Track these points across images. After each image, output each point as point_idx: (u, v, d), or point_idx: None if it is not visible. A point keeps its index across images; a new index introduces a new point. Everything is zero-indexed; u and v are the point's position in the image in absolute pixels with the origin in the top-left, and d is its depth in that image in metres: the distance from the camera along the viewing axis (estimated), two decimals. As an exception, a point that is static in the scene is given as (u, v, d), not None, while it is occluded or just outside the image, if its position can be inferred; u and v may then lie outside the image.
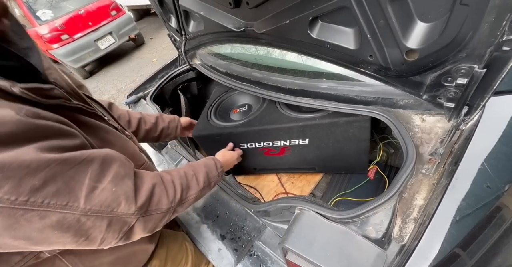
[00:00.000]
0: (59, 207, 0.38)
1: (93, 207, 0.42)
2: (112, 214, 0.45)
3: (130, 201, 0.48)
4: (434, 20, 0.52)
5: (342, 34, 0.68)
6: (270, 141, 1.03)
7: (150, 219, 0.52)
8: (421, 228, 0.54)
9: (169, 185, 0.59)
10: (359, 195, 1.07)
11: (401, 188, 0.61)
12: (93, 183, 0.43)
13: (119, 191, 0.46)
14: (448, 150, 0.65)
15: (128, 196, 0.47)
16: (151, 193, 0.53)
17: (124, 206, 0.46)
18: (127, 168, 0.51)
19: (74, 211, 0.40)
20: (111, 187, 0.45)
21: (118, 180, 0.47)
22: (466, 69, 0.53)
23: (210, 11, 0.97)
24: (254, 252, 0.97)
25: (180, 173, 0.67)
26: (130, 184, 0.49)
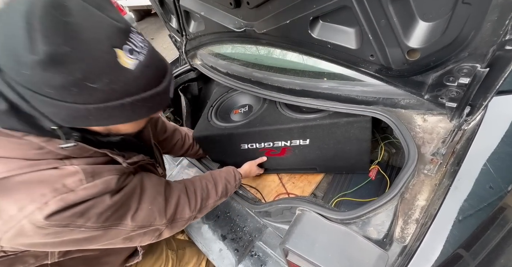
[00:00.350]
0: (115, 225, 0.52)
1: (138, 223, 0.56)
2: (150, 226, 0.59)
3: (162, 215, 0.61)
4: (436, 19, 0.51)
5: (343, 34, 0.68)
6: (270, 142, 1.03)
7: (175, 226, 0.66)
8: (423, 229, 0.54)
9: (191, 196, 0.71)
10: (361, 195, 1.07)
11: (403, 188, 0.60)
12: (137, 205, 0.56)
13: (154, 209, 0.59)
14: (450, 150, 0.65)
15: (160, 211, 0.61)
16: (177, 205, 0.66)
17: (158, 220, 0.60)
18: (158, 187, 0.64)
19: (125, 227, 0.54)
20: (148, 206, 0.58)
21: (153, 199, 0.60)
22: (469, 68, 0.52)
23: (210, 11, 0.97)
24: (255, 253, 0.97)
25: (202, 183, 0.78)
26: (161, 200, 0.62)
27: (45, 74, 0.35)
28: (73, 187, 0.44)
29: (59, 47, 0.34)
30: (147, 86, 0.45)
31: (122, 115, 0.45)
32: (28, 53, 0.33)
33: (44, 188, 0.42)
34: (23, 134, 0.42)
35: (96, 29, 0.37)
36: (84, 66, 0.36)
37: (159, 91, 0.47)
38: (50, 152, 0.44)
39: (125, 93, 0.42)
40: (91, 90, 0.38)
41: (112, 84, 0.40)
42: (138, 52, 0.42)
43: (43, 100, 0.38)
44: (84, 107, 0.40)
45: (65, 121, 0.42)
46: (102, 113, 0.42)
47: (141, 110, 0.46)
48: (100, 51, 0.38)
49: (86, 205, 0.46)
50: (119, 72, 0.40)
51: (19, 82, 0.36)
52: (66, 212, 0.43)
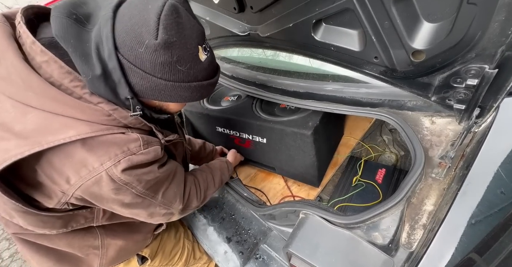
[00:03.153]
0: (151, 196, 0.63)
1: (164, 200, 0.67)
2: (170, 207, 0.70)
3: (180, 200, 0.73)
4: (440, 20, 0.50)
5: (346, 36, 0.68)
6: (237, 131, 1.12)
7: (184, 212, 0.78)
8: (430, 235, 0.52)
9: (198, 188, 0.83)
10: (366, 199, 1.04)
11: (409, 192, 0.59)
12: (168, 184, 0.67)
13: (177, 192, 0.71)
14: (459, 153, 0.63)
15: (180, 196, 0.73)
16: (189, 194, 0.78)
17: (177, 203, 0.71)
18: (182, 176, 0.76)
19: (155, 201, 0.65)
20: (174, 188, 0.69)
21: (178, 184, 0.72)
22: (476, 69, 0.51)
23: (215, 16, 0.99)
24: (260, 256, 0.96)
25: (203, 176, 0.88)
26: (182, 187, 0.75)
27: (154, 53, 0.46)
28: (135, 151, 0.54)
29: (171, 36, 0.46)
30: (207, 77, 0.58)
31: (184, 95, 0.55)
32: (152, 37, 0.45)
33: (116, 148, 0.51)
34: (98, 101, 0.50)
35: (192, 30, 0.51)
36: (180, 53, 0.49)
37: (212, 82, 0.60)
38: (115, 120, 0.53)
39: (195, 78, 0.54)
40: (177, 71, 0.50)
41: (190, 70, 0.52)
42: (208, 51, 0.57)
43: (138, 72, 0.48)
44: (165, 83, 0.51)
45: (142, 92, 0.52)
46: (174, 90, 0.53)
47: (197, 94, 0.57)
48: (191, 45, 0.50)
49: (143, 170, 0.57)
50: (197, 62, 0.53)
51: (127, 57, 0.47)
52: (131, 171, 0.54)
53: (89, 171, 0.50)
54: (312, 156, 0.95)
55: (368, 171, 1.14)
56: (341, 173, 1.23)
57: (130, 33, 0.46)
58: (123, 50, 0.47)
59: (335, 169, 1.21)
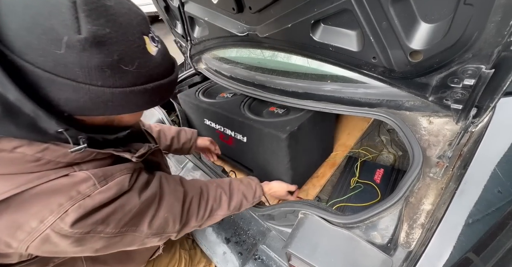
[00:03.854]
0: (131, 230, 0.52)
1: (153, 231, 0.56)
2: (163, 234, 0.59)
3: (176, 223, 0.61)
4: (438, 21, 0.51)
5: (344, 36, 0.68)
6: (222, 126, 1.11)
7: (183, 232, 0.65)
8: (428, 234, 0.52)
9: (202, 204, 0.69)
10: (365, 199, 1.05)
11: (407, 192, 0.59)
12: (154, 212, 0.56)
13: (169, 216, 0.59)
14: (457, 153, 0.63)
15: (175, 219, 0.60)
16: (189, 213, 0.65)
17: (171, 227, 0.60)
18: (177, 193, 0.63)
19: (140, 234, 0.54)
20: (164, 213, 0.57)
21: (170, 207, 0.59)
22: (473, 70, 0.51)
23: (214, 17, 0.99)
24: (259, 256, 0.96)
25: (217, 193, 0.73)
26: (178, 208, 0.61)
27: (82, 54, 0.34)
28: (88, 192, 0.44)
29: (101, 27, 0.35)
30: (165, 73, 0.46)
31: (140, 101, 0.44)
32: (71, 32, 0.33)
33: (60, 197, 0.41)
34: (13, 145, 0.38)
35: (129, 16, 0.39)
36: (121, 49, 0.37)
37: (173, 79, 0.48)
38: (49, 162, 0.41)
39: (149, 79, 0.43)
40: (123, 73, 0.38)
41: (140, 69, 0.40)
42: (157, 41, 0.45)
43: (65, 84, 0.35)
44: (110, 92, 0.38)
45: (79, 110, 0.39)
46: (124, 99, 0.41)
47: (156, 97, 0.47)
48: (133, 36, 0.39)
49: (106, 210, 0.46)
50: (146, 57, 0.41)
51: (39, 65, 0.33)
52: (87, 219, 0.43)
53: (28, 233, 0.40)
54: (286, 162, 0.92)
55: (367, 171, 1.15)
56: (339, 173, 1.24)
57: (35, 30, 0.32)
58: (31, 57, 0.33)
59: (334, 169, 1.22)
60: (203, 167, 1.21)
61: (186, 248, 1.04)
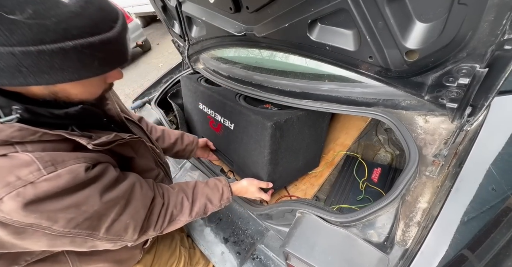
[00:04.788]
0: (86, 234, 0.47)
1: (109, 236, 0.50)
2: (118, 240, 0.53)
3: (136, 231, 0.55)
4: (432, 20, 0.51)
5: (341, 36, 0.68)
6: (213, 111, 1.11)
7: (139, 240, 0.60)
8: (424, 232, 0.53)
9: (162, 214, 0.64)
10: (365, 200, 1.05)
11: (404, 190, 0.60)
12: (116, 216, 0.50)
13: (131, 223, 0.53)
14: (452, 152, 0.64)
15: (136, 227, 0.55)
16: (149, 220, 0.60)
17: (130, 235, 0.54)
18: (145, 200, 0.57)
19: (94, 238, 0.48)
20: (126, 219, 0.52)
21: (135, 213, 0.54)
22: (468, 69, 0.52)
23: (211, 16, 0.99)
24: (257, 256, 0.96)
25: (178, 199, 0.69)
26: (143, 214, 0.56)
27: None
28: (31, 179, 0.37)
29: None
30: (94, 29, 0.36)
31: (66, 67, 0.35)
32: None
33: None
34: None
35: None
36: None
37: (111, 38, 0.38)
38: None
39: (64, 35, 0.33)
40: (11, 24, 0.29)
41: (41, 19, 0.31)
42: None
43: None
44: (7, 52, 0.30)
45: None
46: (39, 63, 0.32)
47: (91, 62, 0.37)
48: None
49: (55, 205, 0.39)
50: (50, 3, 0.32)
51: None
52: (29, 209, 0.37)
53: None
54: (266, 154, 0.90)
55: (364, 170, 1.15)
56: (337, 172, 1.24)
57: None
58: None
59: (332, 168, 1.22)
60: (201, 167, 1.21)
61: (186, 246, 1.04)
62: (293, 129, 0.93)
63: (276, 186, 1.03)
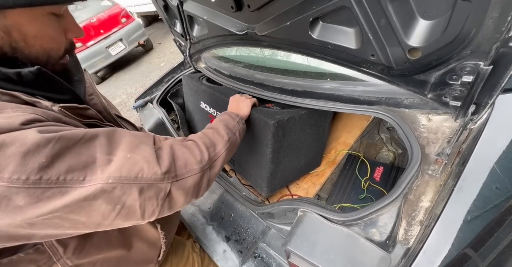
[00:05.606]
0: (77, 182, 0.37)
1: (112, 174, 0.39)
2: (138, 180, 0.42)
3: (153, 165, 0.44)
4: (436, 18, 0.51)
5: (343, 34, 0.68)
6: (215, 110, 1.11)
7: (186, 183, 0.49)
8: (427, 231, 0.53)
9: (191, 146, 0.55)
10: (367, 199, 1.05)
11: (406, 189, 0.59)
12: (106, 155, 0.40)
13: (135, 157, 0.43)
14: (455, 150, 0.63)
15: (148, 160, 0.44)
16: (173, 157, 0.49)
17: (148, 170, 0.43)
18: (142, 138, 0.48)
19: (95, 182, 0.38)
20: (125, 154, 0.42)
21: (133, 147, 0.44)
22: (472, 66, 0.51)
23: (213, 15, 0.99)
24: (258, 254, 0.97)
25: (199, 134, 0.64)
26: (149, 149, 0.45)
27: None
28: None
29: None
30: None
31: None
32: None
33: None
34: None
35: None
36: None
37: None
38: None
39: None
40: None
41: None
42: None
43: None
44: None
45: None
46: None
47: None
48: None
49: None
50: None
51: None
52: None
53: None
54: (268, 152, 0.89)
55: (366, 169, 1.15)
56: (339, 171, 1.24)
57: None
58: None
59: (334, 167, 1.22)
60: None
61: (196, 251, 1.01)
62: (295, 128, 0.93)
63: (278, 185, 1.03)
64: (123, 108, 4.01)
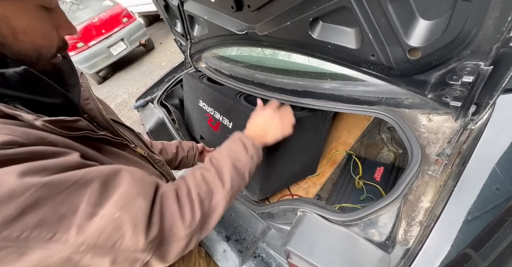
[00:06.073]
0: (43, 240, 0.30)
1: (87, 239, 0.32)
2: (115, 250, 0.35)
3: (139, 230, 0.36)
4: (436, 18, 0.51)
5: (343, 34, 0.68)
6: (213, 109, 1.11)
7: (167, 250, 0.41)
8: (426, 231, 0.52)
9: (183, 202, 0.44)
10: (368, 200, 1.05)
11: (406, 189, 0.59)
12: (92, 208, 0.33)
13: (123, 217, 0.35)
14: (456, 151, 0.63)
15: (136, 223, 0.36)
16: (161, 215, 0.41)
17: (130, 238, 0.35)
18: (143, 185, 0.41)
19: (62, 246, 0.31)
20: (114, 212, 0.35)
21: (127, 201, 0.36)
22: (472, 66, 0.51)
23: (213, 15, 0.99)
24: (258, 254, 0.97)
25: (196, 177, 0.50)
26: (144, 205, 0.38)
27: None
28: None
29: None
30: None
31: None
32: None
33: None
34: None
35: None
36: None
37: None
38: None
39: None
40: None
41: None
42: None
43: None
44: None
45: None
46: None
47: None
48: None
49: None
50: None
51: None
52: None
53: None
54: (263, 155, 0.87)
55: (367, 169, 1.15)
56: (339, 171, 1.24)
57: None
58: None
59: (334, 167, 1.22)
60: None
61: (202, 256, 0.96)
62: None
63: (271, 189, 1.02)
64: (124, 108, 4.03)
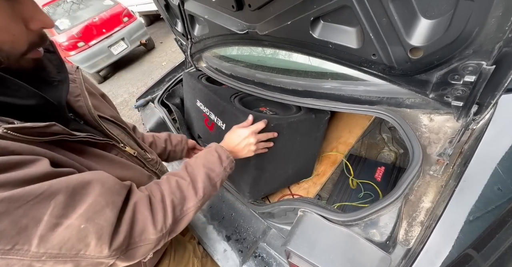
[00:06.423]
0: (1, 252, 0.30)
1: (49, 250, 0.32)
2: (78, 257, 0.35)
3: (103, 241, 0.37)
4: (438, 17, 0.50)
5: (344, 33, 0.67)
6: (209, 110, 1.11)
7: (134, 253, 0.43)
8: (427, 232, 0.52)
9: (157, 208, 0.47)
10: (366, 197, 1.05)
11: (407, 190, 0.59)
12: (56, 219, 0.33)
13: (89, 228, 0.35)
14: (457, 151, 0.63)
15: (101, 234, 0.37)
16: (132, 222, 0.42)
17: (93, 248, 0.36)
18: (112, 196, 0.40)
19: (23, 256, 0.31)
20: (80, 223, 0.35)
21: (95, 211, 0.37)
22: (474, 66, 0.51)
23: (214, 15, 0.98)
24: (259, 254, 0.97)
25: (171, 184, 0.53)
26: (111, 216, 0.39)
27: None
28: None
29: None
30: None
31: None
32: None
33: None
34: None
35: None
36: None
37: None
38: None
39: None
40: None
41: None
42: None
43: None
44: None
45: None
46: None
47: None
48: None
49: None
50: None
51: None
52: None
53: None
54: (252, 158, 0.84)
55: (367, 169, 1.14)
56: (340, 171, 1.24)
57: None
58: None
59: (334, 167, 1.22)
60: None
61: (198, 256, 0.97)
62: (282, 136, 0.89)
63: (262, 192, 1.01)
64: (125, 107, 4.03)
